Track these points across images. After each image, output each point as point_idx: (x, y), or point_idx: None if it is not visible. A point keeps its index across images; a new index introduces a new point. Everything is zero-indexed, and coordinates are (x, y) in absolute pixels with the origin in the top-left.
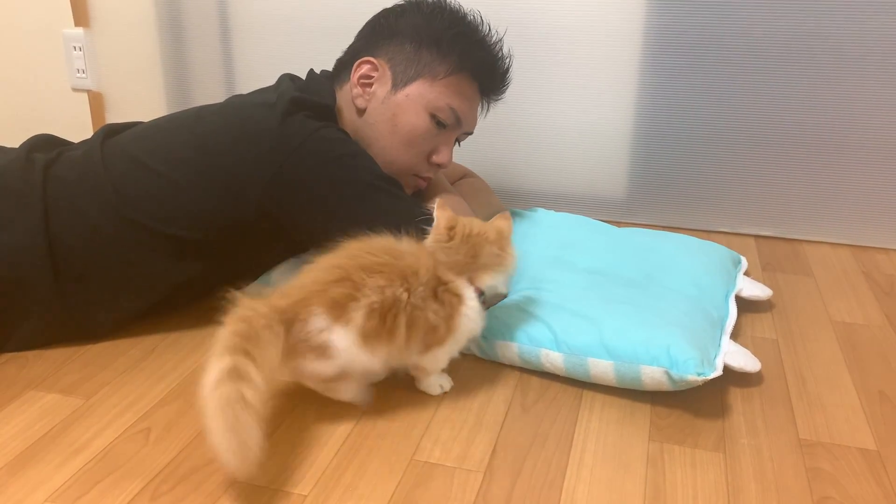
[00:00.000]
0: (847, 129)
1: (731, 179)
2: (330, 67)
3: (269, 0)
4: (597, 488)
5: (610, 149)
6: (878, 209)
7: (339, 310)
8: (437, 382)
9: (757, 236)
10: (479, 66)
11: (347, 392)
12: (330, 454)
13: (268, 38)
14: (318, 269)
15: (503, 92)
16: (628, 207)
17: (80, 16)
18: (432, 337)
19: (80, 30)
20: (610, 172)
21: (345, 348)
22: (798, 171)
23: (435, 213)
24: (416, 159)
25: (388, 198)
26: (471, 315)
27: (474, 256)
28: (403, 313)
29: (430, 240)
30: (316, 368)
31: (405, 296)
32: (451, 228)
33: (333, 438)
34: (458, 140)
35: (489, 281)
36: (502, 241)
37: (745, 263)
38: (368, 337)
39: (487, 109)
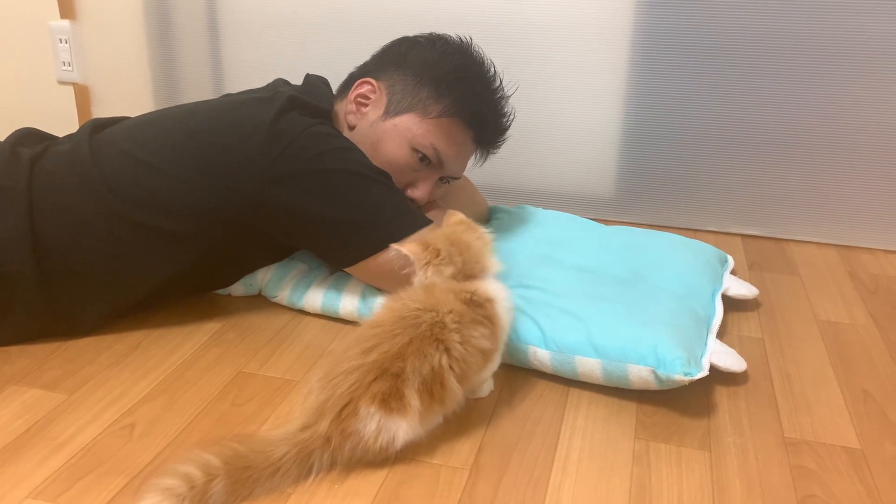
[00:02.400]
0: (834, 129)
1: (718, 179)
2: (318, 64)
3: None
4: (582, 486)
5: (599, 147)
6: (863, 210)
7: (394, 402)
8: (488, 386)
9: (744, 235)
10: (474, 116)
11: None
12: None
13: (256, 32)
14: (340, 378)
15: (498, 146)
16: (616, 206)
17: (67, 7)
18: (488, 355)
19: (66, 22)
20: (598, 171)
21: (409, 434)
22: (785, 172)
23: (404, 252)
24: None
25: (381, 188)
26: (507, 306)
27: (467, 249)
28: (451, 374)
29: (419, 275)
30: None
31: (444, 359)
32: (426, 247)
33: None
34: (445, 180)
35: (495, 264)
36: (468, 225)
37: (731, 262)
38: (429, 412)
39: (484, 160)
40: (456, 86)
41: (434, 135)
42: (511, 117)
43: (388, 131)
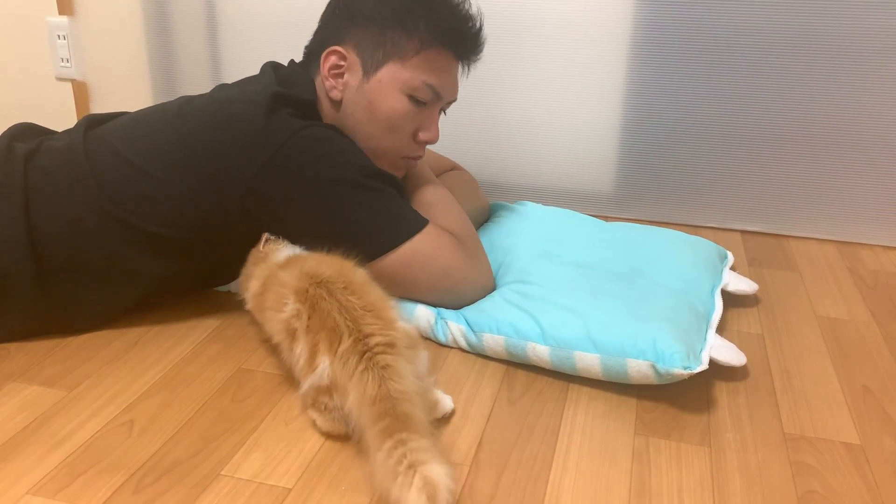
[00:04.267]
0: (834, 126)
1: (718, 175)
2: None
3: None
4: (582, 482)
5: (598, 143)
6: (863, 206)
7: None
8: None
9: (743, 231)
10: (449, 35)
11: None
12: (315, 447)
13: (255, 28)
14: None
15: (480, 52)
16: (616, 202)
17: (65, 4)
18: None
19: (64, 18)
20: (598, 167)
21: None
22: (785, 168)
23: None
24: (401, 142)
25: (374, 195)
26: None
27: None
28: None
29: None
30: None
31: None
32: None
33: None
34: (443, 110)
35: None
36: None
37: (731, 258)
38: None
39: (469, 70)
40: (418, 15)
41: (422, 72)
42: (480, 17)
43: (376, 89)
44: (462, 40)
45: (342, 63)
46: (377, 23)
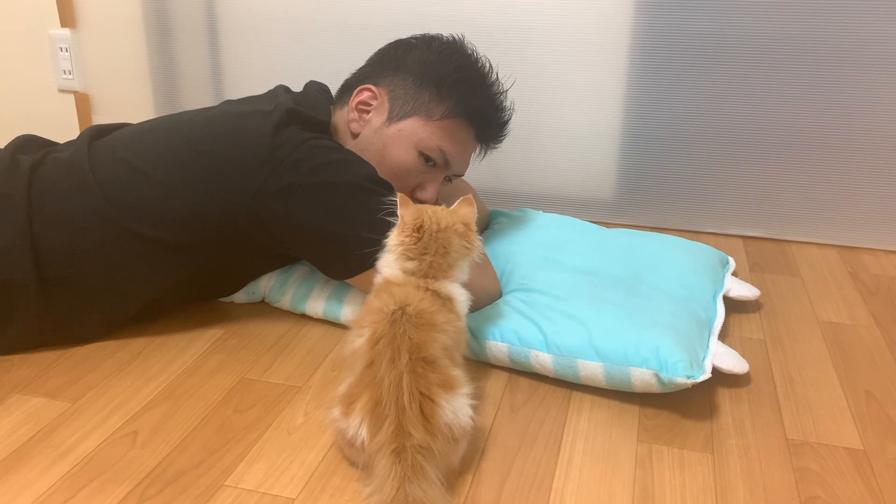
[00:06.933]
0: (835, 130)
1: (719, 180)
2: (318, 70)
3: (257, 1)
4: (585, 489)
5: (599, 150)
6: (864, 210)
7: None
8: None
9: (745, 237)
10: (476, 115)
11: None
12: (318, 457)
13: (256, 39)
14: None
15: (500, 141)
16: (617, 208)
17: (67, 16)
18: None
19: (66, 30)
20: (599, 173)
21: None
22: (786, 173)
23: (399, 211)
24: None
25: (379, 199)
26: (464, 309)
27: (445, 254)
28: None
29: (394, 238)
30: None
31: (439, 334)
32: (418, 229)
33: (322, 441)
34: (448, 178)
35: (460, 276)
36: (469, 234)
37: (732, 264)
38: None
39: (484, 154)
40: (457, 86)
41: (439, 137)
42: (510, 111)
43: (394, 137)
44: (486, 125)
45: (372, 102)
46: (416, 80)
